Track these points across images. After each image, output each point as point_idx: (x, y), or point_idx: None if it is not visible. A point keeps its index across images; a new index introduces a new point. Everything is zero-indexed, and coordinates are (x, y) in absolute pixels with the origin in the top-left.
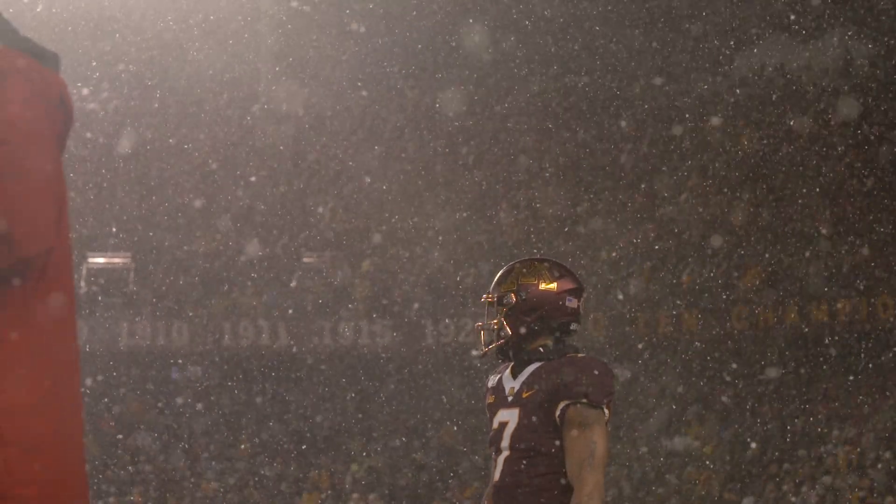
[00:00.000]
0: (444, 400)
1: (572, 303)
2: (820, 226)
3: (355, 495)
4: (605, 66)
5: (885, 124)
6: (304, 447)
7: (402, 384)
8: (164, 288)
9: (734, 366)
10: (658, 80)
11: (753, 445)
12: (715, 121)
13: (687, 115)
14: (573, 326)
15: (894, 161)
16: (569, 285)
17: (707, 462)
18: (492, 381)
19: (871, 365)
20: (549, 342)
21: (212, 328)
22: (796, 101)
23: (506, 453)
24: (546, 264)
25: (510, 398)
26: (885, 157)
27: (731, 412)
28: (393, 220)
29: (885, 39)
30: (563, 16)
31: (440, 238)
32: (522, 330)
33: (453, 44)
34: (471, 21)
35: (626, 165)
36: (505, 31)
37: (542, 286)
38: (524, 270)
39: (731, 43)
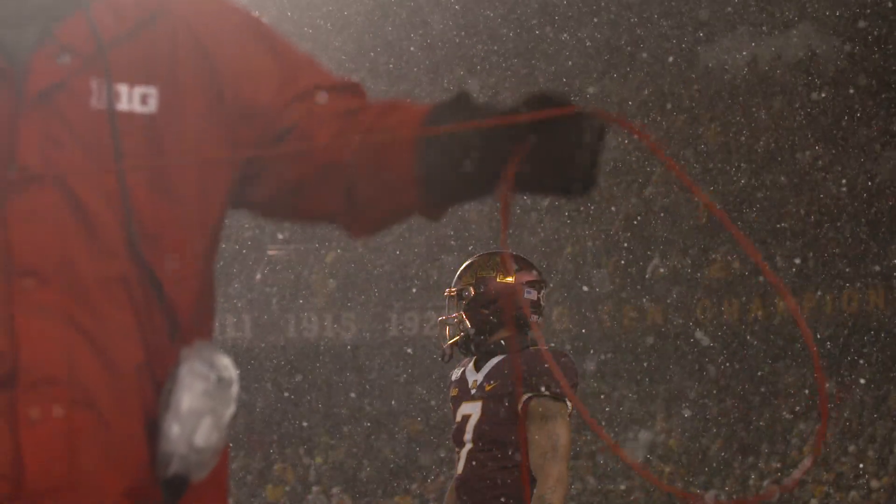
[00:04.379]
0: (409, 392)
1: (531, 295)
2: (785, 219)
3: (318, 488)
4: (570, 58)
5: (852, 117)
6: (268, 440)
7: (367, 377)
8: None
9: (699, 359)
10: (622, 73)
11: (718, 439)
12: (680, 113)
13: (651, 106)
14: (534, 318)
15: (861, 152)
16: (528, 277)
17: (672, 455)
18: (455, 374)
19: (834, 359)
20: (511, 334)
21: None
22: (762, 94)
23: (469, 446)
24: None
25: (473, 391)
26: (853, 149)
27: (696, 406)
28: None
29: (849, 33)
30: (528, 7)
31: (405, 231)
32: (481, 323)
33: (419, 32)
34: (433, 13)
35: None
36: (469, 22)
37: (500, 279)
38: (483, 263)
39: (697, 35)
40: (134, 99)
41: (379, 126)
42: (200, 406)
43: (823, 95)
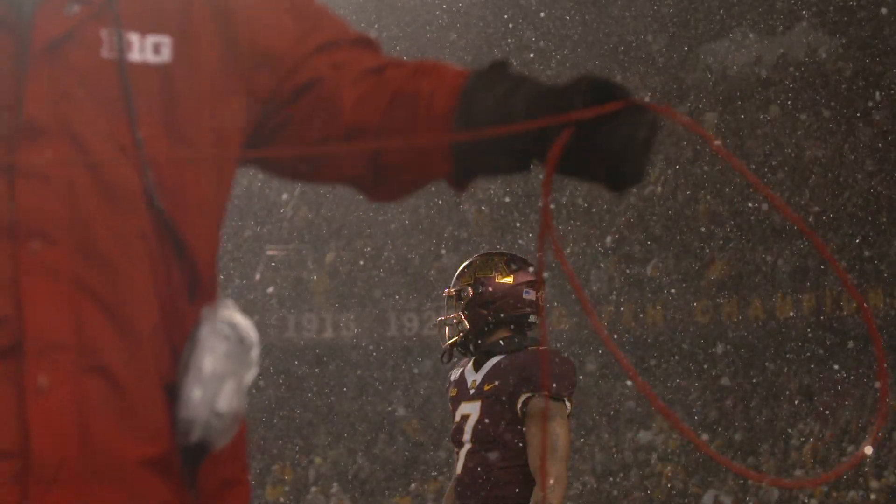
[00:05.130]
0: (408, 393)
1: (530, 295)
2: (785, 219)
3: (317, 488)
4: (568, 58)
5: (852, 116)
6: (267, 440)
7: (366, 377)
8: None
9: (699, 359)
10: (624, 72)
11: (718, 439)
12: (683, 112)
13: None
14: (532, 318)
15: (861, 152)
16: (526, 278)
17: (671, 455)
18: (454, 374)
19: (834, 359)
20: (509, 335)
21: None
22: (761, 95)
23: (468, 446)
24: (504, 257)
25: (472, 391)
26: (851, 148)
27: (696, 406)
28: (357, 212)
29: (849, 31)
30: (525, 6)
31: (404, 230)
32: (479, 323)
33: (420, 30)
34: (438, 13)
35: None
36: (471, 20)
37: (499, 279)
38: (481, 264)
39: (700, 34)
40: (146, 48)
41: (409, 89)
42: (223, 369)
43: (823, 96)
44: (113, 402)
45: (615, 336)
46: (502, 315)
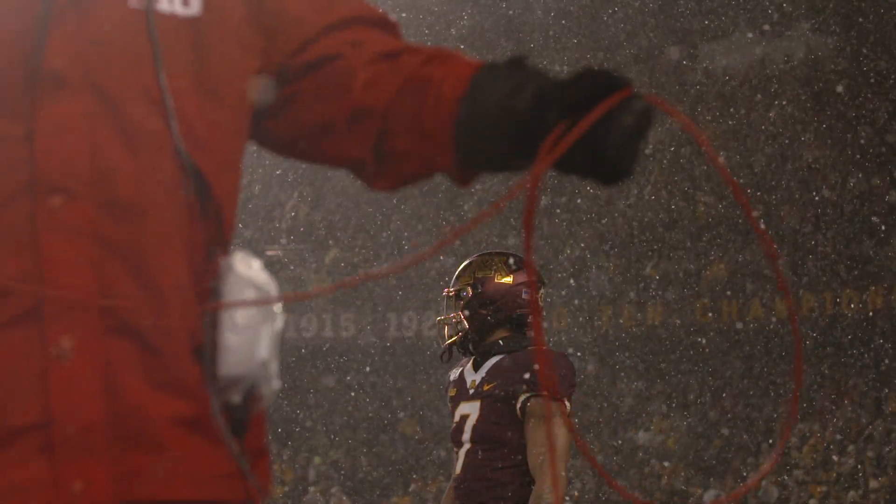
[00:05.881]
0: (408, 393)
1: (529, 295)
2: (786, 219)
3: (316, 488)
4: (566, 59)
5: (853, 115)
6: (267, 440)
7: (366, 377)
8: None
9: (699, 359)
10: (621, 72)
11: (717, 439)
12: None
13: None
14: (531, 319)
15: (861, 152)
16: (525, 278)
17: (671, 455)
18: (454, 374)
19: (834, 359)
20: (509, 335)
21: None
22: (759, 96)
23: (467, 446)
24: (503, 257)
25: (471, 391)
26: (851, 148)
27: (696, 406)
28: (357, 212)
29: (847, 33)
30: (524, 6)
31: (404, 231)
32: (478, 323)
33: (423, 28)
34: (434, 14)
35: None
36: (469, 23)
37: (498, 279)
38: (481, 264)
39: (697, 35)
40: (175, 0)
41: (421, 75)
42: (256, 317)
43: (823, 96)
44: (141, 361)
45: (617, 336)
46: (502, 315)
